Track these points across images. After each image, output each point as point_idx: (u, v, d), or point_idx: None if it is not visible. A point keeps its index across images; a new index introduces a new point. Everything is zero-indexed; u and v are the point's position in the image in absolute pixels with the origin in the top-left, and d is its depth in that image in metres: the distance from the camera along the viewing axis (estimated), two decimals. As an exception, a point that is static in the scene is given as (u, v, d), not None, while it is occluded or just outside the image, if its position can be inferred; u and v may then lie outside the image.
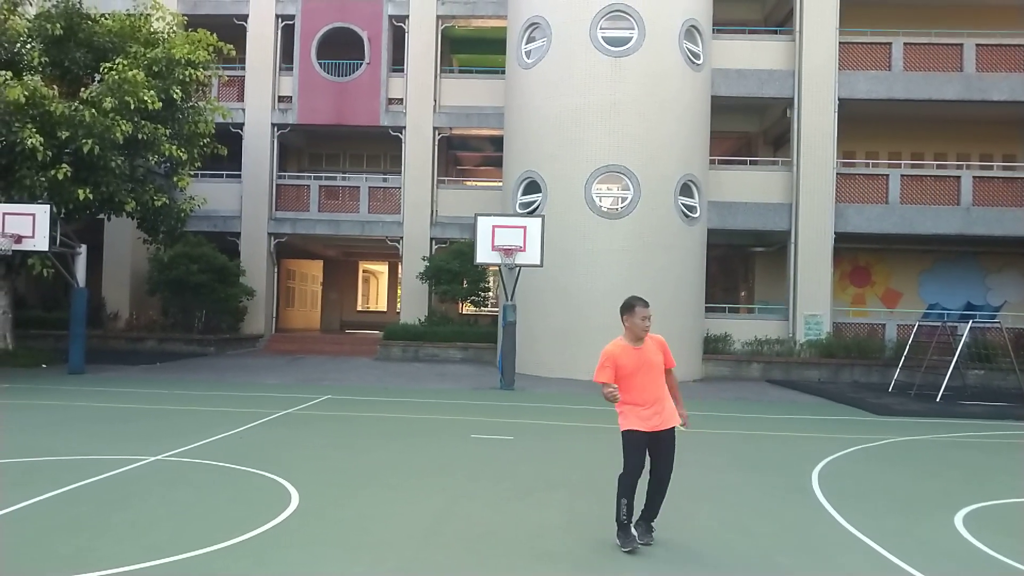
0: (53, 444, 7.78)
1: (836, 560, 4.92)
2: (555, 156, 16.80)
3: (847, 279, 21.16)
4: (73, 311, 14.77)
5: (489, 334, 19.78)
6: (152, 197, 15.75)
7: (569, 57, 16.69)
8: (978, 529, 5.72)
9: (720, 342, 18.85)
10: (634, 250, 16.37)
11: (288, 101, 21.89)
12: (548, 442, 8.95)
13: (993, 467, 8.42)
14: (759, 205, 19.56)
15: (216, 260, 19.85)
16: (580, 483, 6.77)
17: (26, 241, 13.57)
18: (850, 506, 6.29)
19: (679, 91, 16.92)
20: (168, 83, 15.22)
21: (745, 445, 9.22)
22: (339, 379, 15.09)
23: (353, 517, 5.54)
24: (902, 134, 21.13)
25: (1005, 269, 20.77)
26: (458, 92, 21.77)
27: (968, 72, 19.18)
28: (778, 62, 19.68)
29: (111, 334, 20.32)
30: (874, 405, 13.24)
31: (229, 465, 7.05)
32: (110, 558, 4.47)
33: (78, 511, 5.44)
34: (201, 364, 17.24)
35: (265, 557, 4.59)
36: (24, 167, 14.12)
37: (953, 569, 4.80)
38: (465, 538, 5.14)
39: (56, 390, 12.05)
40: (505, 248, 14.17)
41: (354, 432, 9.27)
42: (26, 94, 13.26)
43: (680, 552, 4.98)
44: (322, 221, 21.92)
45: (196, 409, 10.54)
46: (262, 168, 21.80)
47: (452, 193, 22.06)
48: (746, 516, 5.92)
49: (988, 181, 19.39)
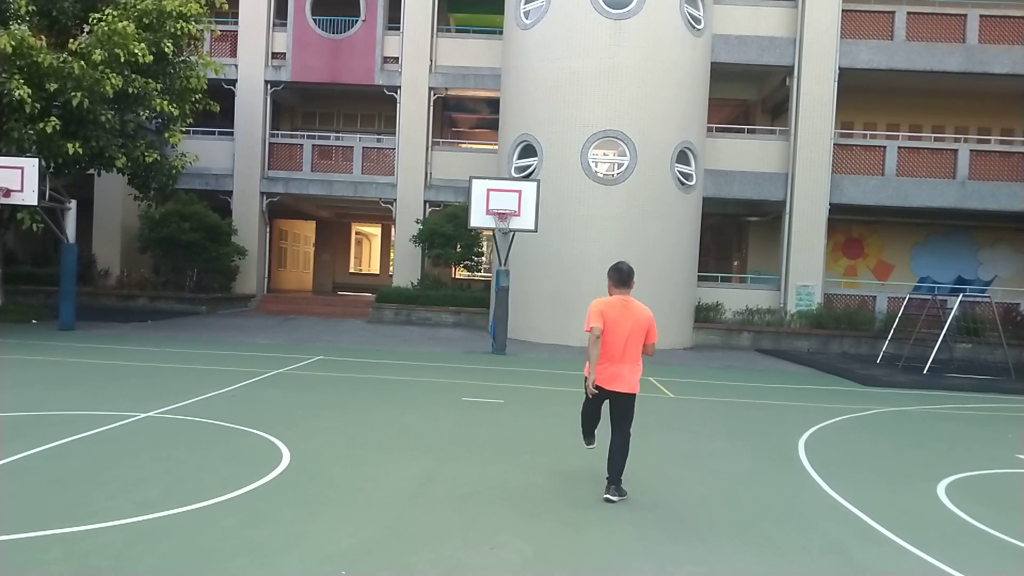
0: (43, 400, 7.77)
1: (820, 527, 5.00)
2: (552, 120, 16.63)
3: (840, 250, 21.21)
4: (63, 267, 14.65)
5: (482, 299, 19.79)
6: (143, 153, 15.54)
7: (568, 18, 16.41)
8: (960, 499, 5.82)
9: (711, 311, 18.93)
10: (629, 217, 16.32)
11: (282, 58, 21.53)
12: (537, 406, 9.01)
13: (976, 439, 8.54)
14: (755, 174, 19.49)
15: (208, 219, 19.71)
16: (567, 446, 6.83)
17: (15, 195, 13.40)
18: (835, 474, 6.38)
19: (679, 56, 16.70)
20: (159, 36, 14.89)
21: (733, 413, 9.31)
22: (331, 340, 15.10)
23: (343, 476, 5.58)
24: (901, 105, 21.00)
25: (997, 244, 20.85)
26: (455, 52, 21.45)
27: (970, 43, 18.99)
28: (779, 29, 19.43)
29: (101, 291, 20.25)
30: (862, 376, 13.37)
31: (220, 423, 7.07)
32: (101, 513, 4.49)
33: (69, 466, 5.45)
34: (192, 323, 17.21)
35: (256, 514, 4.62)
36: (12, 119, 13.86)
37: (935, 537, 4.89)
38: (451, 497, 5.20)
39: (46, 346, 12.01)
40: (499, 212, 14.09)
41: (345, 393, 9.30)
42: (13, 44, 12.94)
43: (667, 516, 5.05)
44: (315, 181, 21.73)
45: (187, 367, 10.54)
46: (255, 126, 21.53)
47: (447, 155, 21.86)
48: (733, 482, 6.00)
49: (985, 155, 19.34)
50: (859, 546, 4.67)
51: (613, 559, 4.26)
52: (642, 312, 5.28)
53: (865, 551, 4.59)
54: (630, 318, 5.21)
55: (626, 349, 5.21)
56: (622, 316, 5.21)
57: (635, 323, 5.22)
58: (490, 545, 4.35)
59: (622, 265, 5.35)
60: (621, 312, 5.22)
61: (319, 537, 4.32)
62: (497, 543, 4.38)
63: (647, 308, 5.36)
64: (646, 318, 5.29)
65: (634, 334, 5.22)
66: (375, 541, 4.32)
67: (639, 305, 5.32)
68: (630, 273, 5.34)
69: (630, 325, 5.20)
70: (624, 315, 5.21)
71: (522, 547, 4.34)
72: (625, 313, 5.22)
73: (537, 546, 4.37)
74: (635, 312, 5.25)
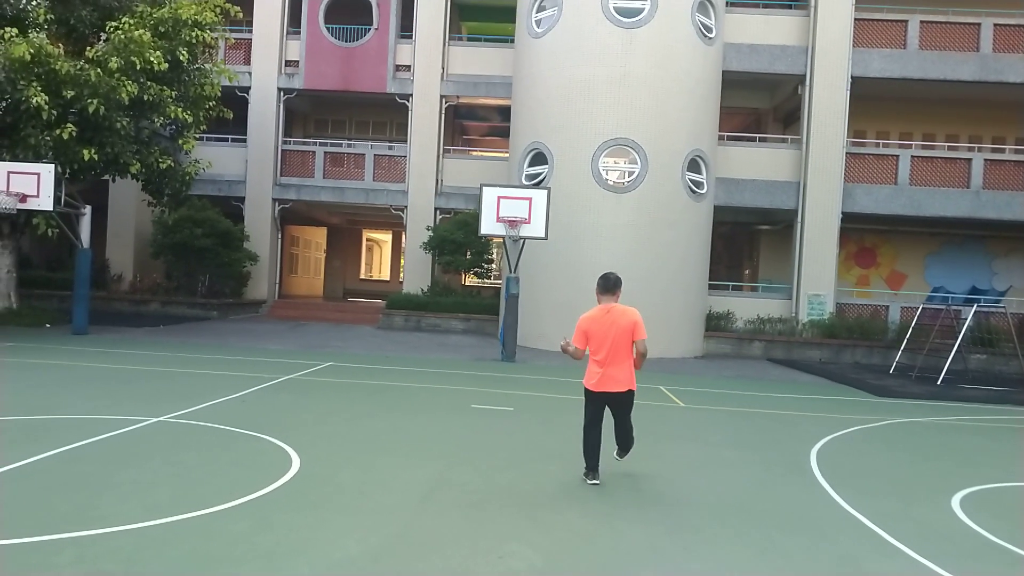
0: (56, 403, 7.83)
1: (832, 539, 4.94)
2: (563, 128, 16.65)
3: (852, 260, 21.07)
4: (77, 272, 14.78)
5: (492, 306, 19.79)
6: (157, 159, 15.69)
7: (580, 27, 16.44)
8: (975, 512, 5.75)
9: (722, 319, 18.84)
10: (640, 225, 16.29)
11: (295, 65, 21.67)
12: (547, 414, 8.99)
13: (991, 451, 8.44)
14: (767, 183, 19.42)
15: (220, 224, 19.82)
16: (576, 455, 6.78)
17: (31, 200, 13.54)
18: (847, 486, 6.32)
19: (690, 65, 16.69)
20: (174, 44, 15.07)
21: (744, 423, 9.24)
22: (341, 347, 15.14)
23: (352, 482, 5.58)
24: (914, 114, 20.87)
25: (1012, 254, 20.66)
26: (466, 60, 21.53)
27: (985, 52, 18.87)
28: (791, 38, 19.39)
29: (115, 296, 20.39)
30: (875, 386, 13.25)
31: (231, 428, 7.09)
32: (111, 516, 4.51)
33: (80, 469, 5.48)
34: (204, 328, 17.30)
35: (265, 519, 4.63)
36: (29, 126, 14.05)
37: (949, 550, 4.83)
38: (460, 505, 5.18)
39: (60, 350, 12.11)
40: (510, 220, 14.10)
41: (355, 399, 9.31)
42: (31, 51, 13.13)
43: (677, 526, 5.01)
44: (327, 188, 21.83)
45: (199, 372, 10.59)
46: (267, 133, 21.67)
47: (458, 163, 21.92)
48: (744, 493, 5.95)
49: (999, 164, 19.17)
50: (872, 559, 4.61)
51: (622, 568, 4.23)
52: (623, 315, 5.76)
53: (878, 564, 4.53)
54: (612, 325, 5.73)
55: (613, 353, 5.72)
56: (604, 325, 5.75)
57: (617, 328, 5.71)
58: (499, 553, 4.33)
59: (609, 275, 5.94)
60: (602, 321, 5.76)
61: (328, 543, 4.31)
62: (506, 551, 4.36)
63: (631, 309, 5.81)
64: (628, 320, 5.73)
65: (618, 338, 5.71)
66: (384, 547, 4.31)
67: (621, 309, 5.80)
68: (616, 283, 5.90)
69: (613, 331, 5.71)
70: (606, 323, 5.75)
71: (531, 555, 4.32)
72: (607, 320, 5.75)
73: (546, 554, 4.35)
74: (616, 317, 5.75)
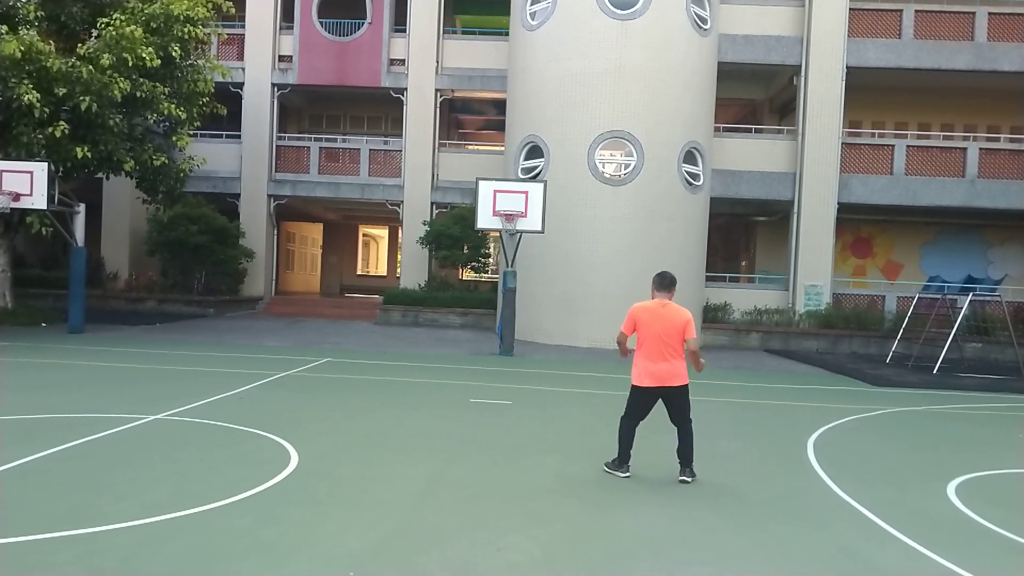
0: (52, 402, 7.82)
1: (829, 527, 4.97)
2: (558, 121, 16.62)
3: (848, 250, 21.11)
4: (72, 270, 14.74)
5: (489, 300, 19.79)
6: (151, 156, 15.62)
7: (574, 19, 16.40)
8: (970, 499, 5.78)
9: (719, 311, 18.87)
10: (636, 218, 16.29)
11: (288, 61, 21.60)
12: (545, 408, 9.00)
13: (986, 439, 8.48)
14: (763, 174, 19.43)
15: (215, 221, 19.78)
16: (574, 448, 6.82)
17: (24, 199, 13.48)
18: (844, 474, 6.35)
19: (685, 56, 16.66)
20: (167, 40, 14.98)
21: (742, 413, 9.27)
22: (339, 342, 15.13)
23: (351, 477, 5.59)
24: (909, 104, 20.89)
25: (1007, 243, 20.71)
26: (461, 54, 21.47)
27: (979, 41, 18.88)
28: (786, 28, 19.37)
29: (110, 294, 20.35)
30: (871, 376, 13.30)
31: (229, 425, 7.09)
32: (110, 515, 4.51)
33: (78, 468, 5.48)
34: (200, 325, 17.27)
35: (264, 515, 4.63)
36: (21, 124, 13.97)
37: (944, 537, 4.85)
38: (459, 498, 5.20)
39: (56, 349, 12.08)
40: (506, 213, 14.08)
41: (353, 394, 9.32)
42: (22, 49, 13.05)
43: (674, 517, 5.03)
44: (322, 183, 21.78)
45: (196, 370, 10.58)
46: (262, 129, 21.61)
47: (453, 157, 21.88)
48: (741, 483, 5.98)
49: (994, 153, 19.21)
50: (868, 546, 4.64)
51: (621, 560, 4.25)
52: (676, 314, 5.84)
53: (874, 551, 4.56)
54: (665, 319, 5.81)
55: (662, 348, 5.79)
56: (654, 317, 5.82)
57: (668, 323, 5.79)
58: (498, 546, 4.34)
59: (665, 273, 6.04)
60: (654, 314, 5.84)
61: (327, 538, 4.32)
62: (505, 544, 4.38)
63: (685, 310, 5.89)
64: (681, 319, 5.82)
65: (667, 333, 5.78)
66: (383, 542, 4.32)
67: (675, 307, 5.88)
68: (672, 281, 6.00)
69: (661, 325, 5.79)
70: (656, 316, 5.83)
71: (530, 548, 4.33)
72: (661, 314, 5.83)
73: (545, 547, 4.36)
74: (669, 313, 5.84)
